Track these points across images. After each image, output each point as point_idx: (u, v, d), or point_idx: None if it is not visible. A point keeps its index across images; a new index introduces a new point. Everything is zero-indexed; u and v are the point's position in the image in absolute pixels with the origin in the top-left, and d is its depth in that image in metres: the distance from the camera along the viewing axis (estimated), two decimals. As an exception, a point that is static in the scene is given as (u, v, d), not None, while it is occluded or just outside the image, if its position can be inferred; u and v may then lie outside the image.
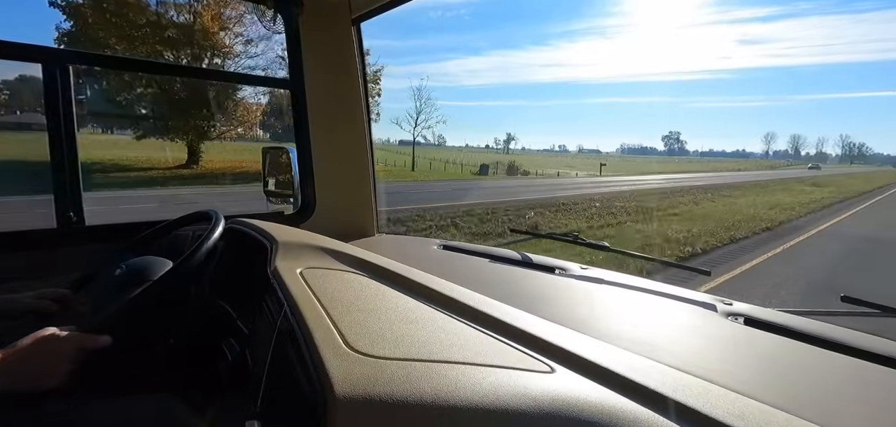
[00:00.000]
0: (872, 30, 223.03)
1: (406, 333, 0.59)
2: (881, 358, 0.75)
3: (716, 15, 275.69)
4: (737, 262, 6.38)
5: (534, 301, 0.98)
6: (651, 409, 0.50)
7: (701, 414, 0.50)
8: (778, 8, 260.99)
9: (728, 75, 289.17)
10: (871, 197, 17.51)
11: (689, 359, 0.70)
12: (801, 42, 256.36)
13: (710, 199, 14.80)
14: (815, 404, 0.60)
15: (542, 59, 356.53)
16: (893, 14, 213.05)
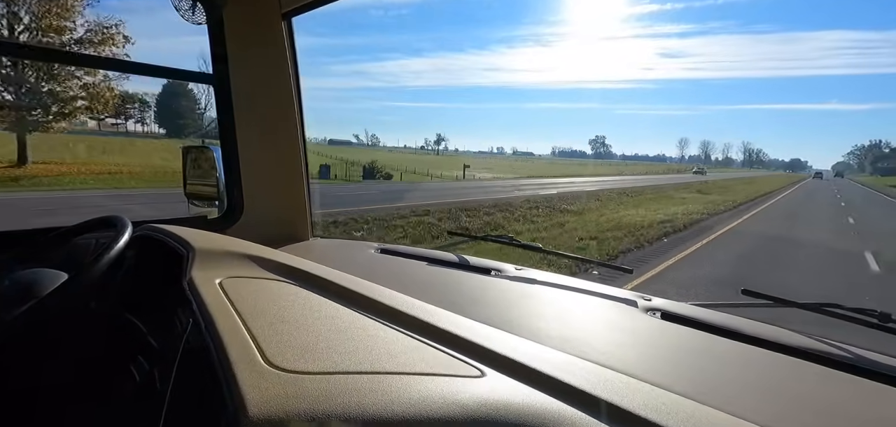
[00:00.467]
0: (769, 49, 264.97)
1: (332, 345, 0.58)
2: (775, 345, 0.85)
3: (640, 29, 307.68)
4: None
5: (470, 303, 1.02)
6: (575, 407, 0.53)
7: (620, 409, 0.54)
8: (692, 25, 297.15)
9: (650, 85, 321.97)
10: (745, 211, 15.26)
11: (611, 354, 0.76)
12: (712, 58, 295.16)
13: (566, 208, 13.23)
14: (718, 390, 0.68)
15: (483, 63, 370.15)
16: (785, 36, 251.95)
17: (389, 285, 0.89)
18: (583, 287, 1.19)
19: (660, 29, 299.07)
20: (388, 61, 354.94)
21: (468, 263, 1.38)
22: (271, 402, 0.42)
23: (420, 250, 1.58)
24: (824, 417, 0.64)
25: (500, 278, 1.25)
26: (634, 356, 0.78)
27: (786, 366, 0.79)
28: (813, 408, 0.66)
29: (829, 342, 0.87)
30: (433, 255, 1.47)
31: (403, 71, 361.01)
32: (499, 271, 1.31)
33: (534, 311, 1.01)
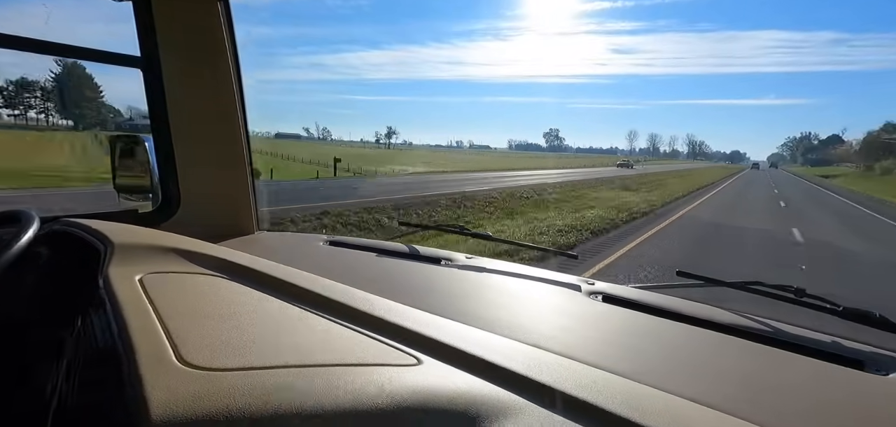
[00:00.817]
0: (711, 47, 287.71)
1: (259, 339, 0.56)
2: (705, 322, 0.93)
3: (594, 25, 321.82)
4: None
5: (417, 292, 1.05)
6: (510, 390, 0.55)
7: (553, 389, 0.56)
8: (641, 23, 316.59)
9: (604, 80, 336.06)
10: (665, 216, 11.96)
11: (553, 337, 0.80)
12: (660, 54, 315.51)
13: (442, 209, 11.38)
14: (651, 367, 0.72)
15: (442, 56, 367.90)
16: (726, 35, 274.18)
17: (335, 277, 0.89)
18: (530, 274, 1.25)
19: (612, 26, 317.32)
20: (347, 53, 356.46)
21: (418, 253, 1.42)
22: (178, 401, 0.41)
23: (370, 241, 1.60)
24: (744, 387, 0.69)
25: (450, 267, 1.29)
26: (575, 339, 0.82)
27: (713, 341, 0.86)
28: (735, 379, 0.72)
29: (752, 317, 0.96)
30: (384, 246, 1.50)
31: (363, 63, 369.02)
32: (449, 260, 1.34)
33: (482, 298, 1.05)
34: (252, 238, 1.66)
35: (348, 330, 0.66)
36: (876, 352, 0.85)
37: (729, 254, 7.77)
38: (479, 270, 1.27)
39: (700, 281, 1.10)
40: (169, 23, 1.45)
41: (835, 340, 0.89)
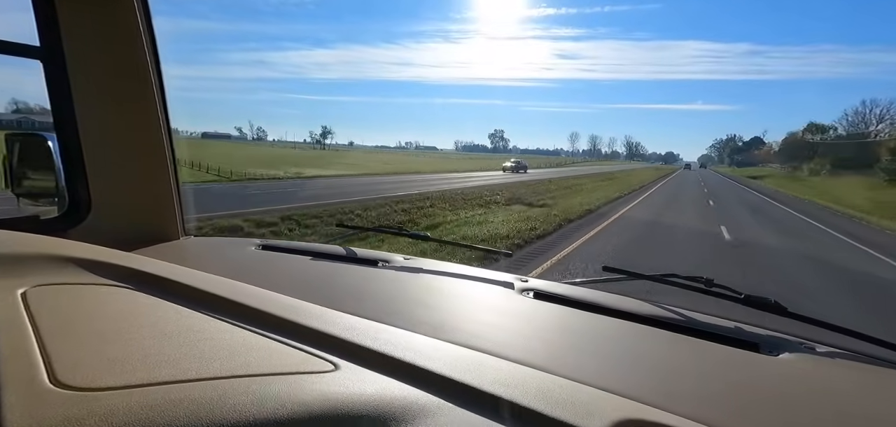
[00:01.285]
0: (647, 55, 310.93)
1: (157, 353, 0.54)
2: (626, 314, 1.01)
3: (540, 31, 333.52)
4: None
5: (351, 296, 1.05)
6: (428, 391, 0.56)
7: (470, 387, 0.57)
8: (584, 30, 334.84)
9: (550, 84, 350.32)
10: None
11: (481, 336, 0.83)
12: (601, 60, 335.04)
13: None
14: (572, 360, 0.77)
15: (390, 57, 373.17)
16: (659, 44, 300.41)
17: (264, 283, 0.88)
18: (466, 273, 1.30)
19: (557, 32, 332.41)
20: (290, 51, 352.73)
21: (355, 256, 1.43)
22: (43, 425, 0.38)
23: (305, 245, 1.59)
24: (653, 373, 0.75)
25: (386, 269, 1.32)
26: (503, 336, 0.86)
27: (632, 332, 0.94)
28: (646, 366, 0.78)
29: (667, 307, 1.05)
30: (319, 250, 1.49)
31: (307, 62, 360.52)
32: (386, 262, 1.37)
33: (415, 299, 1.07)
34: (177, 244, 1.58)
35: (265, 339, 0.64)
36: (771, 335, 0.96)
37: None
38: (415, 271, 1.30)
39: (623, 275, 1.19)
40: (73, 8, 1.35)
41: (737, 326, 0.98)
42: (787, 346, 0.90)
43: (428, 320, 0.90)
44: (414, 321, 0.87)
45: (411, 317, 0.92)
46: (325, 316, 0.75)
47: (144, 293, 0.77)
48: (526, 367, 0.67)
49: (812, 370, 0.83)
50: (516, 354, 0.74)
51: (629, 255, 7.79)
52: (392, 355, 0.63)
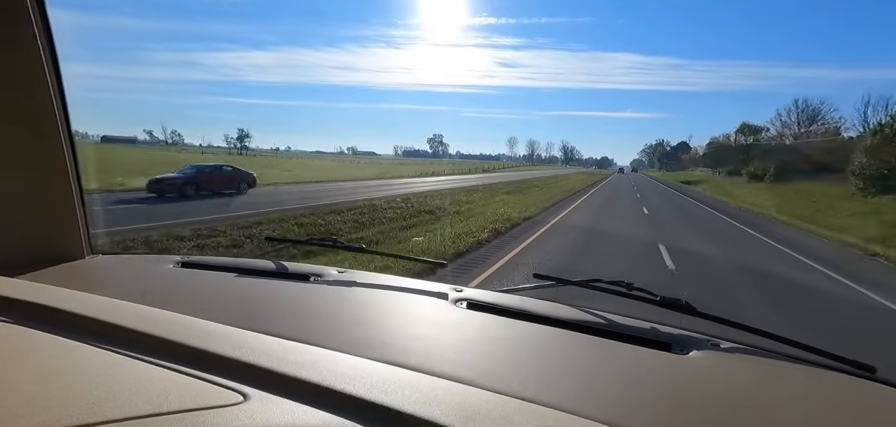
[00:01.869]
0: (583, 65, 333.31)
1: (28, 399, 0.49)
2: (554, 320, 1.06)
3: (482, 39, 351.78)
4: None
5: (277, 314, 1.03)
6: (345, 417, 0.55)
7: (391, 409, 0.57)
8: (524, 40, 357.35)
9: (493, 91, 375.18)
10: None
11: (409, 349, 0.85)
12: (541, 69, 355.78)
13: None
14: (498, 369, 0.80)
15: (333, 61, 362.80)
16: (593, 55, 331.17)
17: (180, 305, 0.85)
18: (401, 285, 1.32)
19: (498, 41, 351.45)
20: (225, 53, 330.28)
21: (286, 271, 1.40)
22: None
23: (230, 261, 1.54)
24: (572, 377, 0.80)
25: (319, 283, 1.30)
26: (434, 349, 0.88)
27: (557, 337, 0.99)
28: (567, 371, 0.83)
29: (591, 311, 1.12)
30: (246, 265, 1.45)
31: (244, 64, 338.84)
32: (319, 276, 1.35)
33: (347, 315, 1.07)
34: (82, 264, 1.43)
35: (169, 371, 0.61)
36: (683, 334, 1.04)
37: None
38: (349, 285, 1.29)
39: (552, 281, 1.27)
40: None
41: (653, 327, 1.06)
42: (695, 345, 0.98)
43: (357, 338, 0.90)
44: (342, 339, 0.87)
45: (339, 335, 0.91)
46: (241, 340, 0.72)
47: (23, 327, 0.69)
48: (451, 381, 0.69)
49: (715, 366, 0.90)
50: (444, 368, 0.76)
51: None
52: (309, 380, 0.61)
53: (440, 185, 29.84)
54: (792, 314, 5.99)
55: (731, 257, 9.87)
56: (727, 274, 8.10)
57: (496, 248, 9.02)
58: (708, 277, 7.81)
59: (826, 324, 5.71)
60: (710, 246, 11.24)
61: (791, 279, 8.24)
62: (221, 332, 0.74)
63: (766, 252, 11.23)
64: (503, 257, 8.10)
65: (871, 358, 0.94)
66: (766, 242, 12.67)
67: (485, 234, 9.97)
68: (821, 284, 8.02)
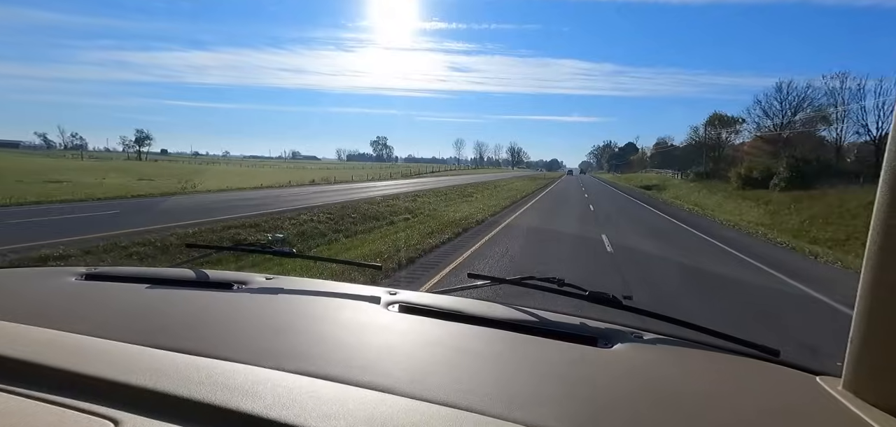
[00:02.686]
0: (530, 71, 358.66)
1: None
2: (486, 320, 1.11)
3: (433, 44, 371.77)
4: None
5: (190, 328, 0.99)
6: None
7: (288, 425, 0.58)
8: (474, 45, 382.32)
9: (446, 95, 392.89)
10: None
11: (334, 358, 0.85)
12: (491, 74, 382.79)
13: None
14: (426, 375, 0.80)
15: (280, 62, 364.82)
16: (540, 61, 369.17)
17: (76, 323, 0.88)
18: (331, 290, 1.34)
19: (449, 45, 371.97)
20: (161, 53, 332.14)
21: (207, 279, 1.38)
22: None
23: (142, 271, 1.53)
24: (502, 378, 0.82)
25: (243, 292, 1.27)
26: (359, 357, 0.87)
27: (488, 338, 1.02)
28: (497, 372, 0.85)
29: (524, 309, 1.18)
30: (160, 275, 1.41)
31: (183, 65, 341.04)
32: (243, 284, 1.33)
33: (270, 323, 1.05)
34: None
35: (30, 401, 0.60)
36: (609, 327, 1.10)
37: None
38: (275, 292, 1.28)
39: (487, 280, 1.37)
40: None
41: (583, 322, 1.12)
42: (620, 337, 1.05)
43: (274, 348, 0.89)
44: (257, 351, 0.86)
45: (255, 346, 0.90)
46: (119, 357, 0.72)
47: None
48: (367, 389, 0.71)
49: (637, 357, 0.97)
50: (364, 376, 0.77)
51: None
52: (195, 398, 0.61)
53: (366, 192, 26.40)
54: None
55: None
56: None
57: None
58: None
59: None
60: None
61: None
62: (99, 350, 0.74)
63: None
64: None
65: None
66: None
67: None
68: None
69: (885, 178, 0.74)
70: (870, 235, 0.77)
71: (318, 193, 24.60)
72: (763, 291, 7.96)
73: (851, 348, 0.81)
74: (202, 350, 0.80)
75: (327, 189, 29.09)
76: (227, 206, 16.82)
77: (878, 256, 0.75)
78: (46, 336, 0.79)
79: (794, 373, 0.95)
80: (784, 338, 5.31)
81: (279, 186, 29.68)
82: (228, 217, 13.14)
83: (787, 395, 0.86)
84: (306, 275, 5.12)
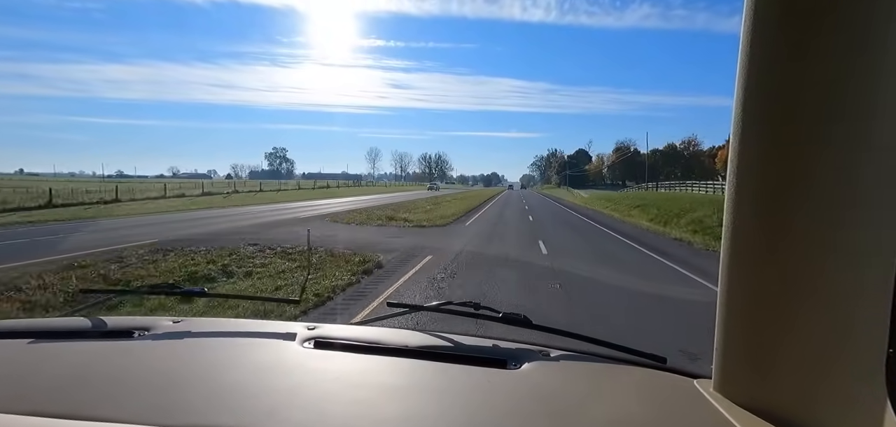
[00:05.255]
0: (468, 89, 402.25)
1: None
2: (402, 350, 1.20)
3: (372, 61, 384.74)
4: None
5: (82, 386, 1.00)
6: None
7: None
8: (413, 62, 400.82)
9: (387, 112, 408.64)
10: None
11: (226, 405, 0.89)
12: (431, 91, 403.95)
13: None
14: (334, 416, 0.87)
15: (210, 78, 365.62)
16: (477, 79, 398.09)
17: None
18: (246, 329, 1.38)
19: (388, 63, 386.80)
20: (71, 65, 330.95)
21: (104, 327, 1.39)
22: None
23: (24, 323, 1.52)
24: (411, 409, 0.91)
25: (145, 339, 1.29)
26: (253, 401, 0.92)
27: (403, 369, 1.11)
28: (404, 402, 0.94)
29: (441, 336, 1.30)
30: (46, 327, 1.41)
31: (96, 79, 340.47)
32: (146, 331, 1.35)
33: (169, 372, 1.07)
34: None
35: None
36: (519, 348, 1.25)
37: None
38: (182, 336, 1.31)
39: (405, 308, 1.51)
40: None
41: (495, 344, 1.26)
42: (527, 357, 1.18)
43: (175, 401, 0.92)
44: (155, 407, 0.89)
45: (154, 401, 0.92)
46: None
47: None
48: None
49: (542, 376, 1.09)
50: (269, 422, 0.84)
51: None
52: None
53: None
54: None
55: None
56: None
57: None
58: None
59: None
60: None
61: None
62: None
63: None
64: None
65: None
66: None
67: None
68: None
69: (731, 180, 0.86)
70: (722, 238, 0.90)
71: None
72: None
73: (716, 351, 0.95)
74: (93, 413, 0.82)
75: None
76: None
77: (729, 259, 0.88)
78: None
79: (676, 378, 1.12)
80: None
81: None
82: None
83: (669, 400, 1.01)
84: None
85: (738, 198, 0.84)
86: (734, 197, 0.84)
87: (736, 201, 0.84)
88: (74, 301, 6.58)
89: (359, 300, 7.44)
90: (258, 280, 8.42)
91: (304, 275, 8.79)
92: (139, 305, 5.41)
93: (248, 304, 5.85)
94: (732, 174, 0.85)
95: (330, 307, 7.03)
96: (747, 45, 0.83)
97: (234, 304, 5.88)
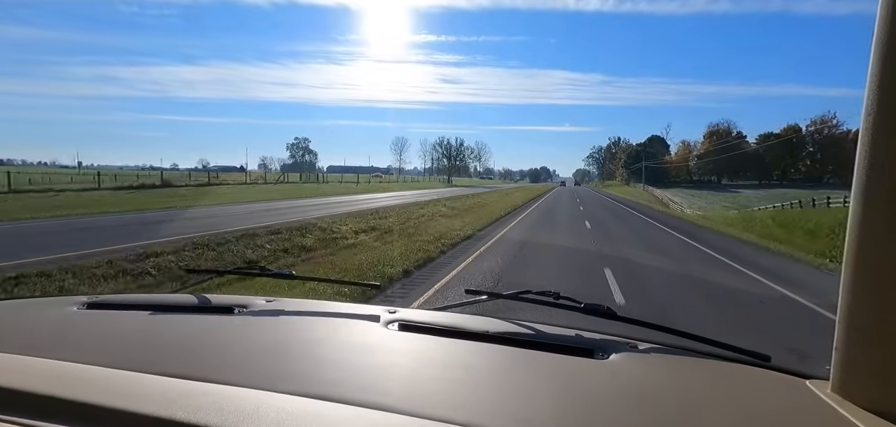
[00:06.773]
0: (519, 82, 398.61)
1: None
2: (484, 335, 1.27)
3: (424, 56, 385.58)
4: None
5: (191, 352, 1.13)
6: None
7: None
8: (463, 57, 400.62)
9: (438, 107, 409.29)
10: None
11: (332, 379, 0.97)
12: (482, 85, 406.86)
13: None
14: (426, 394, 0.92)
15: (269, 76, 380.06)
16: (528, 72, 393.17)
17: (78, 353, 1.01)
18: (331, 310, 1.58)
19: (440, 58, 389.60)
20: (150, 67, 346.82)
21: (209, 304, 1.60)
22: None
23: (144, 297, 1.74)
24: (500, 394, 0.94)
25: (244, 315, 1.48)
26: (357, 377, 1.00)
27: (486, 353, 1.18)
28: (494, 388, 0.98)
29: (522, 323, 1.37)
30: (161, 301, 1.63)
31: (171, 79, 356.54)
32: (244, 307, 1.54)
33: (271, 345, 1.20)
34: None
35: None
36: (604, 338, 1.29)
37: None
38: (276, 314, 1.49)
39: (484, 295, 1.62)
40: None
41: (578, 334, 1.32)
42: (615, 348, 1.22)
43: (276, 370, 1.02)
44: (259, 374, 0.99)
45: (257, 368, 1.02)
46: (129, 388, 0.82)
47: None
48: (365, 408, 0.82)
49: (632, 367, 1.12)
50: (363, 395, 0.89)
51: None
52: (200, 423, 0.70)
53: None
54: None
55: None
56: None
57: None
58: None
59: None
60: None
61: None
62: (102, 379, 0.85)
63: None
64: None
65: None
66: None
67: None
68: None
69: (859, 178, 0.87)
70: (847, 236, 0.90)
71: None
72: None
73: (837, 351, 0.95)
74: (206, 375, 0.92)
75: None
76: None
77: (855, 257, 0.88)
78: (49, 366, 0.92)
79: (784, 377, 1.12)
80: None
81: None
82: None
83: (777, 400, 1.00)
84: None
85: (866, 197, 0.85)
86: (863, 197, 0.85)
87: (864, 202, 0.85)
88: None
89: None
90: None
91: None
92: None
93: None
94: (862, 171, 0.86)
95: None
96: (886, 26, 0.81)
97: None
